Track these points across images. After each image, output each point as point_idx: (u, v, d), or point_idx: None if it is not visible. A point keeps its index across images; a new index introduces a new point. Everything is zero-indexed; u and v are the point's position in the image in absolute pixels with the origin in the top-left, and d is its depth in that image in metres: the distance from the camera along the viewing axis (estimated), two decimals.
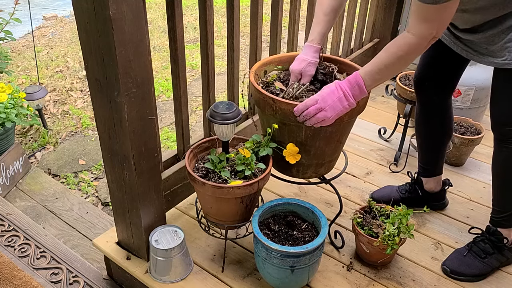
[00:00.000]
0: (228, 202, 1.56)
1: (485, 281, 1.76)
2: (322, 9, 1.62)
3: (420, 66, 1.85)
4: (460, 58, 1.68)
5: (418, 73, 1.85)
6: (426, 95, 1.86)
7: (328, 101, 1.43)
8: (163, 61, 4.28)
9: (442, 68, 1.79)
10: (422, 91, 1.87)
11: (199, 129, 3.31)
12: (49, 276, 1.90)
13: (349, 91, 1.43)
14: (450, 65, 1.77)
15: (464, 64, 1.78)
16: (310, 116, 1.45)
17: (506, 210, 1.71)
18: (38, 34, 4.86)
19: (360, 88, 1.43)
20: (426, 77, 1.83)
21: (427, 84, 1.83)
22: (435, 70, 1.80)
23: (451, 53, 1.69)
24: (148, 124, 1.48)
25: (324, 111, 1.43)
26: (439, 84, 1.82)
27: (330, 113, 1.44)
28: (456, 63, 1.76)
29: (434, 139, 1.95)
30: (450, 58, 1.73)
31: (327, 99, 1.43)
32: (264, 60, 1.75)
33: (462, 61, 1.75)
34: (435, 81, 1.81)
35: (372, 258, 1.77)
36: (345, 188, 2.20)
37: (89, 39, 1.31)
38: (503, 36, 1.46)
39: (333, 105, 1.44)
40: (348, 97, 1.43)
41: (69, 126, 3.35)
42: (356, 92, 1.44)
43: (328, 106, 1.43)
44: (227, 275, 1.73)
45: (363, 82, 1.43)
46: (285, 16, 4.11)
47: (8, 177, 2.57)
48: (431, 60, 1.80)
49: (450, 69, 1.79)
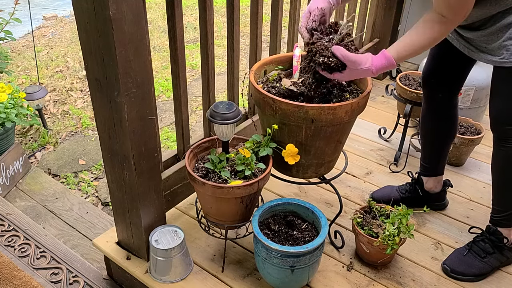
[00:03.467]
0: (228, 202, 1.56)
1: (485, 281, 1.76)
2: None
3: (428, 62, 1.86)
4: (465, 57, 1.69)
5: (426, 69, 1.86)
6: (432, 92, 1.87)
7: (355, 68, 1.44)
8: (163, 61, 4.28)
9: (449, 66, 1.80)
10: (428, 88, 1.88)
11: (199, 129, 3.31)
12: (49, 276, 1.90)
13: (376, 69, 1.45)
14: (457, 64, 1.79)
15: (470, 64, 1.79)
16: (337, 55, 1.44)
17: (506, 210, 1.71)
18: (38, 34, 4.86)
19: (388, 66, 1.44)
20: (433, 74, 1.84)
21: (433, 81, 1.85)
22: (442, 68, 1.81)
23: (457, 52, 1.70)
24: (148, 124, 1.48)
25: (348, 70, 1.44)
26: (445, 82, 1.83)
27: (347, 75, 1.45)
28: (462, 61, 1.77)
29: (438, 138, 1.95)
30: (457, 57, 1.74)
31: (356, 67, 1.43)
32: (264, 60, 1.75)
33: (468, 61, 1.76)
34: (441, 79, 1.83)
35: (372, 258, 1.77)
36: (345, 188, 2.20)
37: (89, 39, 1.31)
38: (501, 35, 1.47)
39: (356, 73, 1.45)
40: (372, 72, 1.45)
41: (69, 126, 3.35)
42: (383, 69, 1.45)
43: (353, 71, 1.44)
44: (227, 275, 1.73)
45: (393, 60, 1.44)
46: (285, 16, 4.11)
47: (8, 177, 2.57)
48: (439, 57, 1.82)
49: (456, 67, 1.80)
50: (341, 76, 1.46)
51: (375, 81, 3.16)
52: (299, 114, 1.48)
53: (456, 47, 1.69)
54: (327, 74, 1.47)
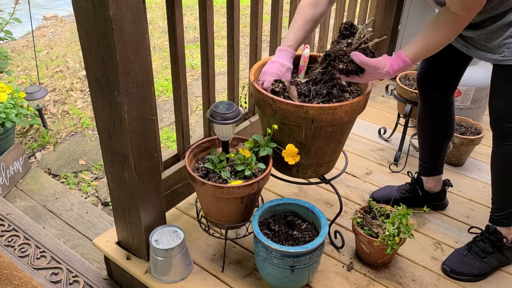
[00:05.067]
0: (228, 202, 1.56)
1: (485, 281, 1.76)
2: (302, 16, 1.60)
3: (423, 62, 1.86)
4: (462, 56, 1.70)
5: (421, 70, 1.87)
6: (428, 92, 1.88)
7: (374, 72, 1.47)
8: (163, 61, 4.28)
9: (445, 65, 1.80)
10: (424, 88, 1.88)
11: (199, 129, 3.31)
12: (49, 276, 1.90)
13: (394, 72, 1.47)
14: (452, 63, 1.79)
15: (466, 63, 1.80)
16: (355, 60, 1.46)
17: (506, 209, 1.71)
18: (38, 34, 4.86)
19: (405, 68, 1.47)
20: (429, 74, 1.84)
21: (429, 81, 1.85)
22: (438, 67, 1.82)
23: (453, 51, 1.70)
24: (148, 124, 1.48)
25: (366, 74, 1.47)
26: (441, 81, 1.83)
27: (365, 79, 1.49)
28: (458, 61, 1.78)
29: (435, 137, 1.95)
30: (453, 56, 1.74)
31: (375, 72, 1.46)
32: (264, 60, 1.75)
33: (464, 59, 1.77)
34: (437, 78, 1.83)
35: (372, 258, 1.77)
36: (345, 188, 2.20)
37: (89, 39, 1.31)
38: (501, 33, 1.48)
39: (375, 76, 1.48)
40: (390, 75, 1.48)
41: (69, 126, 3.35)
42: (400, 71, 1.48)
43: (371, 75, 1.47)
44: (227, 275, 1.73)
45: (410, 62, 1.46)
46: (285, 16, 4.11)
47: (8, 177, 2.57)
48: (434, 57, 1.81)
49: (452, 66, 1.81)
50: (359, 79, 1.49)
51: (375, 81, 3.16)
52: (299, 114, 1.48)
53: (451, 46, 1.69)
54: (344, 77, 1.50)
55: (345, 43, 1.50)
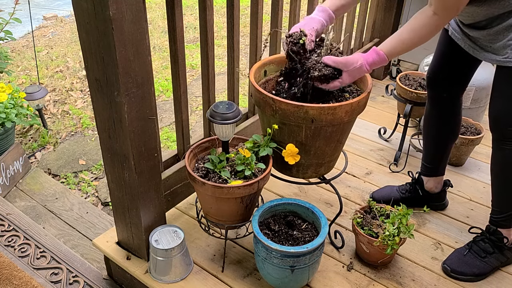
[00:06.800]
0: (228, 202, 1.56)
1: (485, 281, 1.76)
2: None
3: (433, 62, 1.86)
4: (471, 57, 1.69)
5: (431, 69, 1.87)
6: (437, 91, 1.88)
7: (349, 68, 1.49)
8: (163, 61, 4.28)
9: (454, 66, 1.80)
10: (433, 88, 1.88)
11: (199, 129, 3.31)
12: (49, 276, 1.90)
13: (368, 64, 1.50)
14: (462, 64, 1.79)
15: (475, 64, 1.79)
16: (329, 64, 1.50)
17: (505, 211, 1.71)
18: (38, 34, 4.86)
19: (380, 61, 1.50)
20: (438, 74, 1.84)
21: (438, 81, 1.85)
22: (448, 68, 1.82)
23: (463, 52, 1.70)
24: (148, 124, 1.48)
25: (344, 74, 1.50)
26: (450, 82, 1.83)
27: (345, 80, 1.51)
28: (467, 62, 1.77)
29: (441, 137, 1.95)
30: (462, 57, 1.74)
31: (351, 70, 1.49)
32: (264, 60, 1.75)
33: (473, 61, 1.75)
34: (446, 78, 1.83)
35: (372, 258, 1.77)
36: (345, 188, 2.20)
37: (89, 39, 1.31)
38: (506, 34, 1.47)
39: (353, 73, 1.51)
40: (366, 69, 1.50)
41: (69, 126, 3.35)
42: (376, 64, 1.51)
43: (349, 73, 1.50)
44: (227, 275, 1.73)
45: (384, 55, 1.49)
46: (285, 16, 4.11)
47: (8, 177, 2.57)
48: (444, 57, 1.82)
49: (462, 67, 1.80)
50: (341, 82, 1.51)
51: (375, 81, 3.16)
52: (299, 114, 1.48)
53: (461, 47, 1.69)
54: (325, 85, 1.52)
55: (315, 55, 1.55)
